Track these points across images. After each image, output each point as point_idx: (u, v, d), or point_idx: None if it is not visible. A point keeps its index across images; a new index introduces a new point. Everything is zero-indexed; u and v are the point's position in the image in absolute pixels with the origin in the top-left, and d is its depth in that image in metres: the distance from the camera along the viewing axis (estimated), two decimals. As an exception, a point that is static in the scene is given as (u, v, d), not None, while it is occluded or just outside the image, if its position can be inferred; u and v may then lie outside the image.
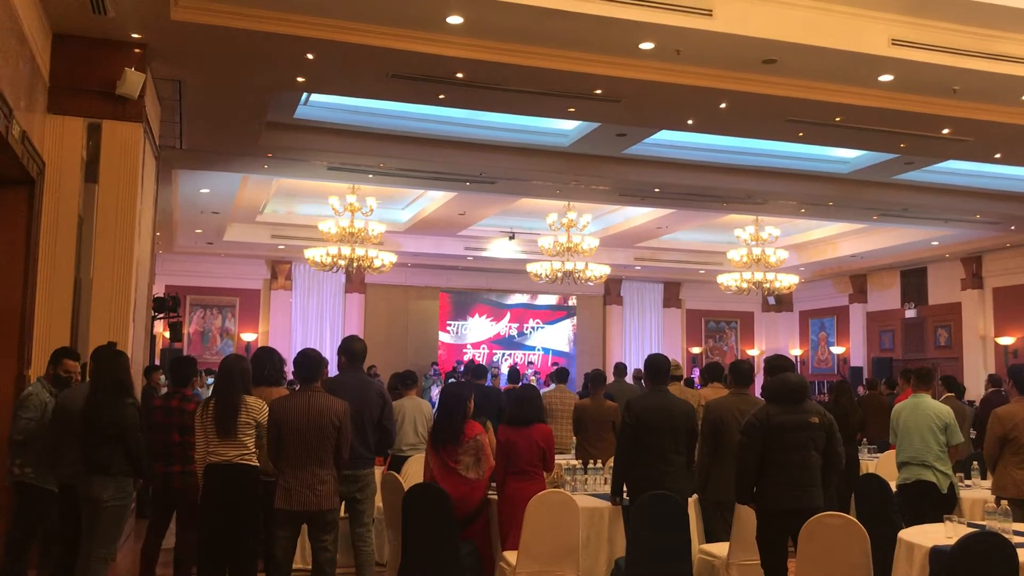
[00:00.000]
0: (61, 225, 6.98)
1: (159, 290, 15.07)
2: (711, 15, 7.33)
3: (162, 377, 9.77)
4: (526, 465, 5.82)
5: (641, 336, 22.64)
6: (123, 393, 5.31)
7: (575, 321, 22.49)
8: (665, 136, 11.20)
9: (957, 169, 12.72)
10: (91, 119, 7.22)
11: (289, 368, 5.80)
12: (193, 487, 5.61)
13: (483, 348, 21.54)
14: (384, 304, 20.69)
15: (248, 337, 19.54)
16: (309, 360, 5.26)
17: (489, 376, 11.42)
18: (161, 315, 12.45)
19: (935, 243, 17.43)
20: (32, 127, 6.51)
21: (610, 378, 10.54)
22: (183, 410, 5.85)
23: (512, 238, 17.60)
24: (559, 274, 15.77)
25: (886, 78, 8.43)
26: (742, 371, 6.40)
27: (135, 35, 7.28)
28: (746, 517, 5.28)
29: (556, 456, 6.31)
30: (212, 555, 5.28)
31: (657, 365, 5.97)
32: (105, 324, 7.06)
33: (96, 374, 5.40)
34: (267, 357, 5.83)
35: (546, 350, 22.11)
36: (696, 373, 18.46)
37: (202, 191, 13.58)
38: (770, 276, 16.90)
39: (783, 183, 12.91)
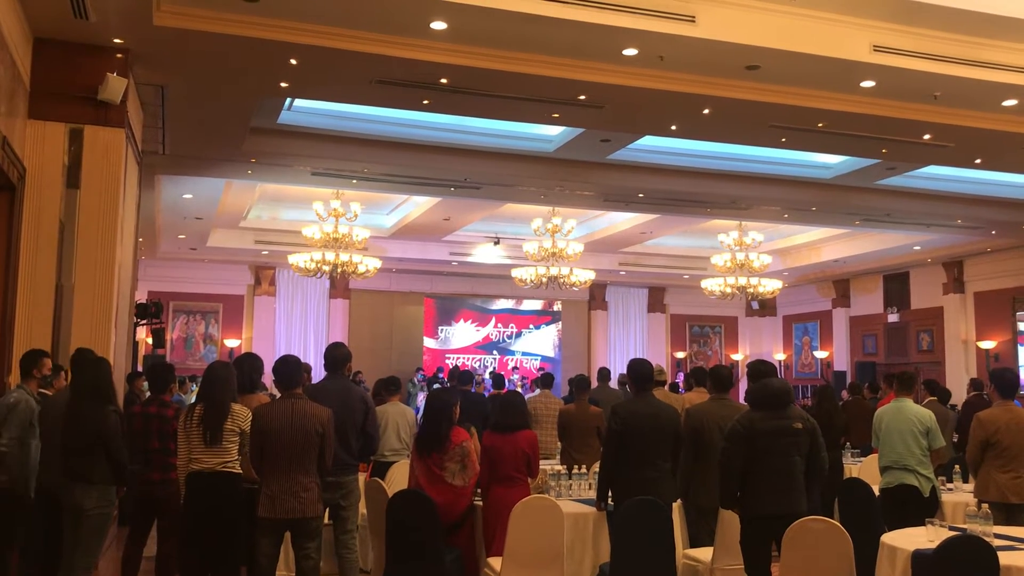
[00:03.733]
0: (42, 231, 6.91)
1: (142, 296, 15.01)
2: (694, 21, 7.36)
3: (145, 384, 9.71)
4: (511, 471, 5.81)
5: (626, 341, 22.67)
6: (104, 400, 5.27)
7: (560, 326, 22.50)
8: (649, 142, 11.23)
9: (938, 174, 12.80)
10: (73, 124, 7.16)
11: (268, 377, 5.74)
12: (173, 494, 5.58)
13: (468, 353, 21.50)
14: (369, 310, 20.61)
15: (232, 343, 19.43)
16: (288, 366, 5.19)
17: (474, 382, 11.41)
18: (144, 321, 12.38)
19: (917, 248, 17.54)
20: (13, 133, 6.46)
21: (594, 383, 10.53)
22: (162, 416, 5.82)
23: (497, 243, 17.60)
24: (544, 279, 15.77)
25: (868, 84, 8.49)
26: (721, 376, 6.37)
27: (117, 40, 7.22)
28: (730, 522, 5.29)
29: (541, 462, 6.31)
30: (194, 563, 5.24)
31: (641, 370, 5.95)
32: (87, 330, 6.99)
33: (77, 381, 5.36)
34: (239, 365, 5.74)
35: (531, 355, 22.11)
36: (680, 378, 18.49)
37: (185, 196, 13.51)
38: (754, 281, 16.93)
39: (766, 188, 12.97)
